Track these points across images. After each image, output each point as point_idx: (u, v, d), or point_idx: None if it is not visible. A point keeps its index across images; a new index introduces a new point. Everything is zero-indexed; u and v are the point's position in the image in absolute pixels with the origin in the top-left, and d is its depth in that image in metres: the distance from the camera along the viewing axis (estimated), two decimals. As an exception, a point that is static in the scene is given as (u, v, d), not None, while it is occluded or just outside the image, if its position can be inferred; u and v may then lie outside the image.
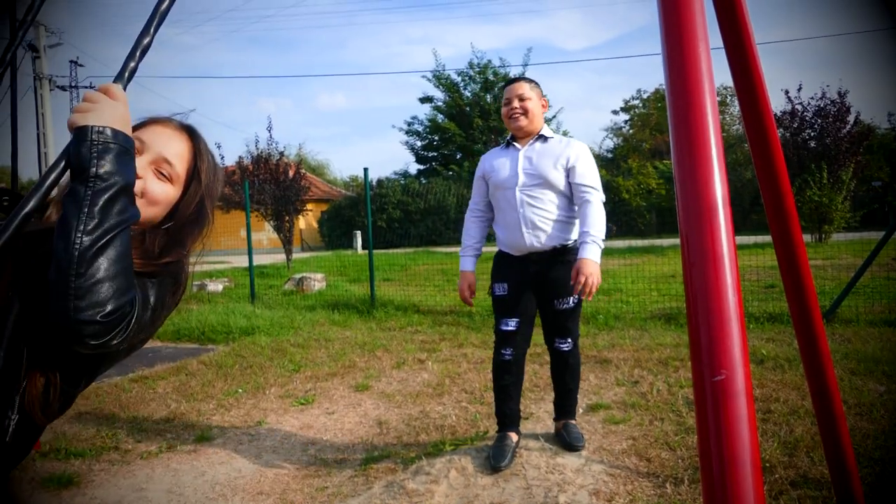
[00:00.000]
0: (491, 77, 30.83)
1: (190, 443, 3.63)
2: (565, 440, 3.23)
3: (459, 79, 31.36)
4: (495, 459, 3.08)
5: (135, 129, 1.25)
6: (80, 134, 0.99)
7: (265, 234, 28.10)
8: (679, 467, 2.92)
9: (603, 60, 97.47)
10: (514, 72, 31.12)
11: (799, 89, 17.76)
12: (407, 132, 33.56)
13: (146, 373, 5.48)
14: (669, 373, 4.53)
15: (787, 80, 25.31)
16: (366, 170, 9.08)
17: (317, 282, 11.41)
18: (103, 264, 0.98)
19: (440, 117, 31.79)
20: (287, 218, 18.59)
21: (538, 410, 3.78)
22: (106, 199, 0.99)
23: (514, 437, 3.23)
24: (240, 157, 18.69)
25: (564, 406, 3.35)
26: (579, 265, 2.93)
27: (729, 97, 35.63)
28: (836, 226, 16.60)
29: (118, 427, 3.94)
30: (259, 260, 17.17)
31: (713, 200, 0.88)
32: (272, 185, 17.84)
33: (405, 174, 34.38)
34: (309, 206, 21.89)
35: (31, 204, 0.92)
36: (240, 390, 4.71)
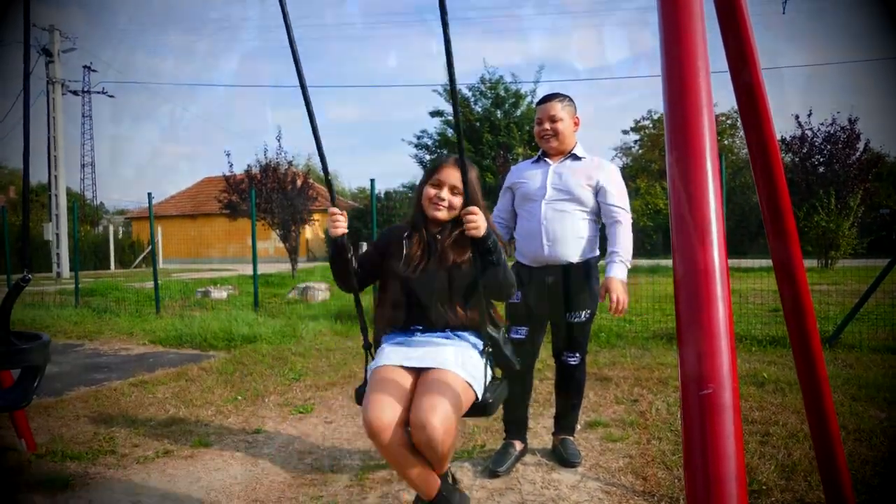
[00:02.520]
0: (502, 93, 30.86)
1: (187, 448, 3.62)
2: (562, 456, 3.23)
3: (470, 94, 31.41)
4: (494, 464, 3.11)
5: (434, 172, 2.52)
6: (486, 237, 2.21)
7: (272, 243, 28.17)
8: (675, 487, 2.90)
9: (614, 80, 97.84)
10: (524, 89, 31.16)
11: (809, 115, 17.80)
12: (416, 146, 33.61)
13: (146, 377, 5.48)
14: (669, 392, 4.51)
15: (798, 106, 25.38)
16: (372, 181, 9.12)
17: (321, 292, 11.43)
18: (511, 278, 2.38)
19: (450, 132, 31.83)
20: (293, 227, 18.65)
21: (536, 426, 3.76)
22: (501, 255, 2.30)
23: (518, 445, 3.25)
24: (248, 166, 18.78)
25: (564, 421, 3.35)
26: (607, 284, 3.01)
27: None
28: (842, 252, 16.56)
29: (116, 431, 3.94)
30: (265, 269, 17.21)
31: (706, 216, 0.89)
32: (279, 195, 17.88)
33: (413, 187, 34.41)
34: (316, 217, 21.95)
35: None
36: (239, 397, 4.71)
